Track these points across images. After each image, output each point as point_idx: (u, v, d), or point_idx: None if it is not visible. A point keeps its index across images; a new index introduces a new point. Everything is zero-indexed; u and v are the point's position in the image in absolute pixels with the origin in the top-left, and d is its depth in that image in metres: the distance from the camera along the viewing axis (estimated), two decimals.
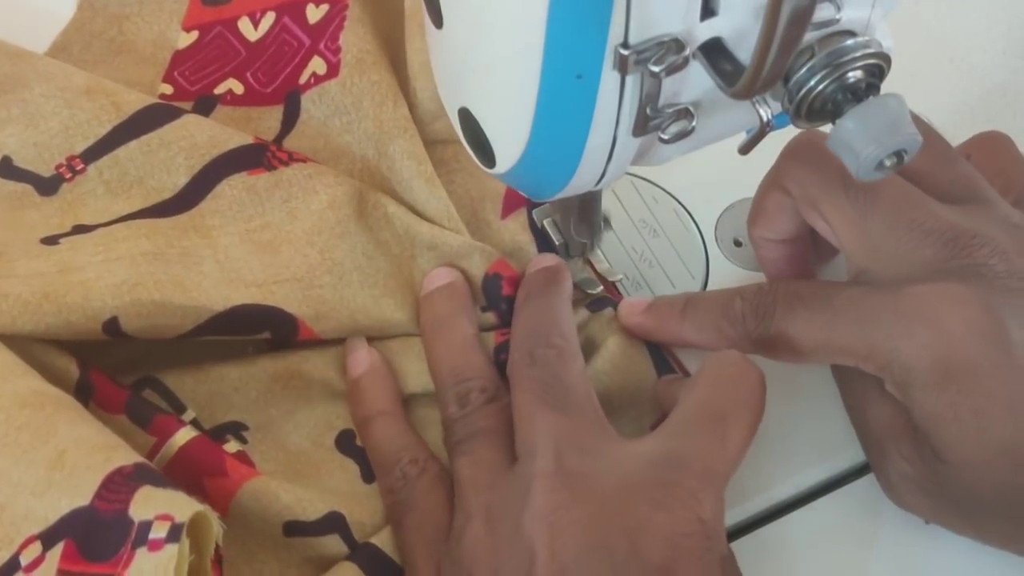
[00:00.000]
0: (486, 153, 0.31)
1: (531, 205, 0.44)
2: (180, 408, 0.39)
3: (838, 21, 0.27)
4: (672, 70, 0.26)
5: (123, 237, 0.38)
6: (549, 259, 0.41)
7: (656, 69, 0.25)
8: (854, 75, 0.27)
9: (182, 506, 0.30)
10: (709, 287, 0.43)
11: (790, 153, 0.37)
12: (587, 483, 0.31)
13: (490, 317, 0.41)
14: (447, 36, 0.30)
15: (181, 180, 0.41)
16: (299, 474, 0.38)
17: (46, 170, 0.41)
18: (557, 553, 0.30)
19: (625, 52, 0.25)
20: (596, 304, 0.41)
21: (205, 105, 0.44)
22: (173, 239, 0.39)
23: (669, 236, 0.45)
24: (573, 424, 0.34)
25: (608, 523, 0.30)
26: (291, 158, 0.41)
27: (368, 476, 0.39)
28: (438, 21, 0.30)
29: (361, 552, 0.36)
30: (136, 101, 0.41)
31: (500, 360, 0.39)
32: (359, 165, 0.43)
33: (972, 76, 0.49)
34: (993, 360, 0.32)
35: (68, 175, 0.41)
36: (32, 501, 0.32)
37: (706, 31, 0.26)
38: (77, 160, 0.41)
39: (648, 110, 0.28)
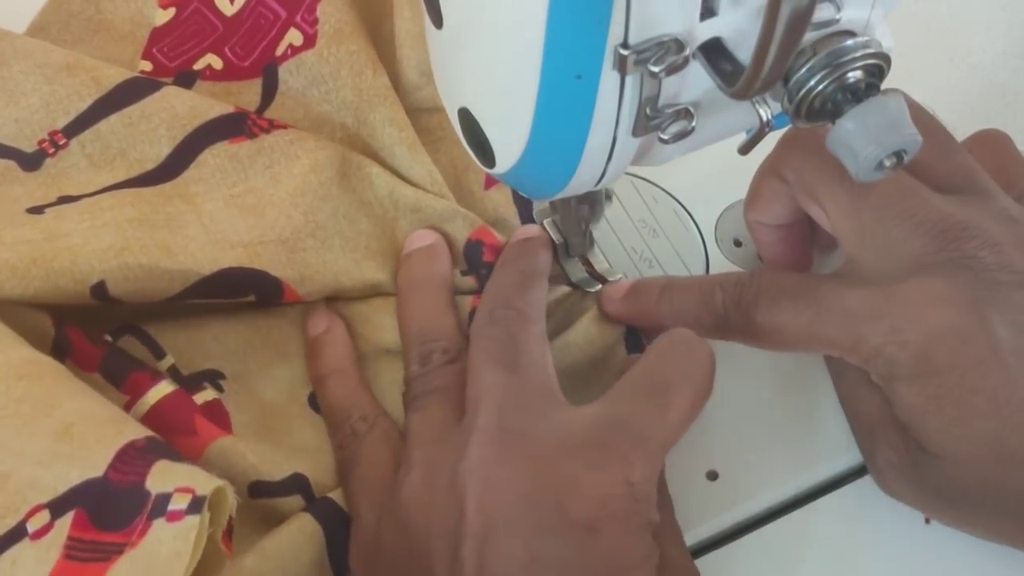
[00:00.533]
0: (486, 153, 0.31)
1: (531, 205, 0.44)
2: (160, 353, 0.39)
3: (838, 21, 0.27)
4: (672, 70, 0.25)
5: (108, 206, 0.39)
6: (531, 230, 0.41)
7: (656, 69, 0.25)
8: (854, 75, 0.26)
9: (202, 480, 0.31)
10: None
11: (788, 141, 0.37)
12: (523, 441, 0.32)
13: (469, 282, 0.41)
14: (447, 36, 0.30)
15: (164, 151, 0.41)
16: (270, 428, 0.39)
17: (28, 146, 0.41)
18: (485, 506, 0.31)
19: (625, 52, 0.25)
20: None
21: (185, 81, 0.45)
22: (158, 206, 0.39)
23: (669, 236, 0.45)
24: (520, 383, 0.34)
25: (539, 480, 0.31)
26: (272, 125, 0.42)
27: None
28: (438, 21, 0.30)
29: (317, 504, 0.36)
30: (116, 75, 0.42)
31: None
32: (339, 134, 0.44)
33: (972, 76, 0.49)
34: (976, 355, 0.32)
35: (51, 150, 0.41)
36: (38, 471, 0.32)
37: (706, 31, 0.26)
38: (59, 135, 0.41)
39: (648, 110, 0.28)
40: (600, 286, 0.42)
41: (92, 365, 0.37)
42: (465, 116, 0.31)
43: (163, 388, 0.37)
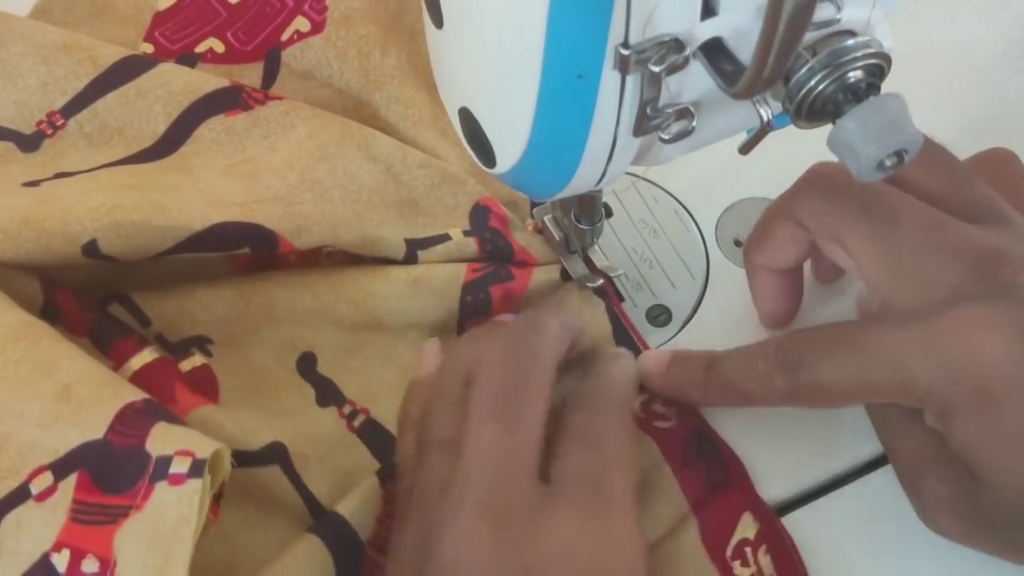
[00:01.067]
0: (486, 153, 0.31)
1: (531, 204, 0.44)
2: (145, 322, 0.39)
3: (838, 21, 0.27)
4: (672, 70, 0.26)
5: (104, 176, 0.39)
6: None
7: (656, 69, 0.25)
8: (854, 75, 0.26)
9: (201, 443, 0.31)
10: (709, 287, 0.43)
11: (805, 183, 0.37)
12: (503, 515, 0.32)
13: (471, 244, 0.41)
14: (447, 36, 0.30)
15: (160, 127, 0.41)
16: (259, 390, 0.39)
17: (27, 127, 0.42)
18: None
19: (625, 52, 0.25)
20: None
21: (186, 63, 0.45)
22: (154, 176, 0.40)
23: (669, 236, 0.45)
24: (510, 447, 0.33)
25: (521, 557, 0.31)
26: (267, 97, 0.42)
27: (323, 401, 0.39)
28: (438, 21, 0.30)
29: (325, 524, 0.35)
30: (112, 54, 0.42)
31: (466, 301, 0.40)
32: (340, 115, 0.44)
33: (972, 76, 0.49)
34: None
35: (49, 131, 0.42)
36: (39, 432, 0.32)
37: (706, 31, 0.26)
38: (57, 115, 0.42)
39: (648, 110, 0.28)
40: (600, 281, 0.42)
41: (81, 330, 0.37)
42: (465, 116, 0.31)
43: (146, 356, 0.37)
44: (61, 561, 0.31)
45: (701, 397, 0.39)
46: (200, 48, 0.45)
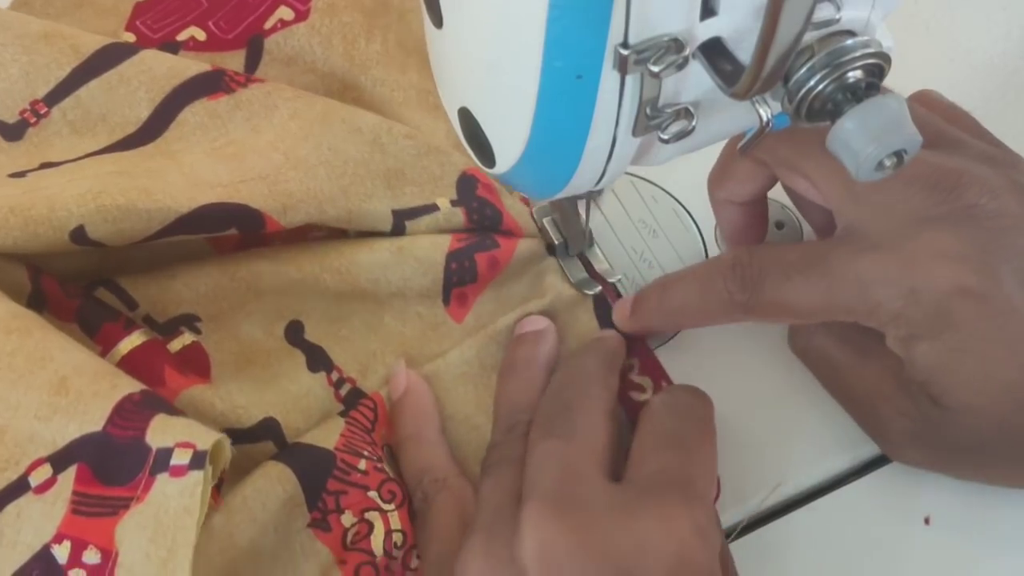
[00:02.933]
0: (486, 153, 0.31)
1: (531, 204, 0.44)
2: (132, 304, 0.39)
3: (838, 21, 0.27)
4: (672, 70, 0.25)
5: (89, 165, 0.39)
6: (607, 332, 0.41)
7: (656, 69, 0.25)
8: (854, 75, 0.26)
9: (201, 434, 0.31)
10: None
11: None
12: (577, 513, 0.31)
13: (459, 214, 0.42)
14: (447, 36, 0.30)
15: (143, 113, 0.42)
16: (250, 361, 0.39)
17: (10, 116, 0.42)
18: None
19: (625, 52, 0.25)
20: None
21: (168, 51, 0.45)
22: (138, 162, 0.40)
23: (669, 236, 0.45)
24: (571, 452, 0.34)
25: (599, 551, 0.31)
26: (248, 80, 0.42)
27: (314, 366, 0.40)
28: (438, 21, 0.30)
29: (284, 452, 0.36)
30: (93, 43, 0.42)
31: (450, 268, 0.40)
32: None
33: (972, 76, 0.49)
34: (993, 308, 0.33)
35: (33, 120, 0.42)
36: (37, 425, 0.32)
37: (706, 31, 0.26)
38: (40, 104, 0.42)
39: (648, 110, 0.28)
40: (599, 288, 0.42)
41: (68, 315, 0.37)
42: (465, 116, 0.31)
43: (134, 339, 0.37)
44: (62, 552, 0.31)
45: (662, 323, 0.39)
46: (182, 36, 0.45)
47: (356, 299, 0.41)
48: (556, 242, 0.42)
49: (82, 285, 0.39)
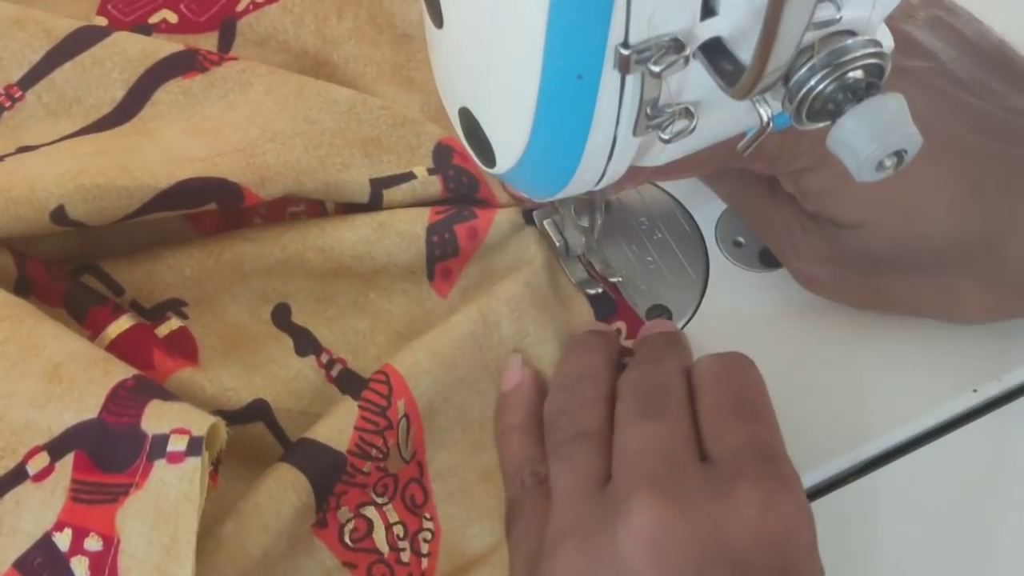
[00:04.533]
0: (486, 153, 0.31)
1: (531, 205, 0.44)
2: (118, 290, 0.40)
3: (838, 21, 0.27)
4: (672, 70, 0.25)
5: (66, 146, 0.40)
6: (666, 324, 0.41)
7: (656, 69, 0.25)
8: (854, 75, 0.26)
9: (195, 419, 0.31)
10: (709, 287, 0.43)
11: None
12: (684, 501, 0.31)
13: (435, 182, 0.42)
14: (447, 36, 0.30)
15: (118, 94, 0.42)
16: (237, 345, 0.40)
17: None
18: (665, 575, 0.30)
19: (625, 52, 0.25)
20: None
21: (140, 34, 0.45)
22: (116, 142, 0.40)
23: (669, 236, 0.45)
24: (666, 435, 0.33)
25: (713, 540, 0.30)
26: (222, 59, 0.43)
27: (302, 349, 0.40)
28: (438, 21, 0.30)
29: (295, 451, 0.36)
30: (66, 26, 0.42)
31: (431, 242, 0.41)
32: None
33: None
34: None
35: (8, 103, 0.42)
36: (32, 412, 0.32)
37: (706, 31, 0.26)
38: (15, 88, 0.42)
39: (648, 110, 0.28)
40: (600, 288, 0.42)
41: (56, 300, 0.38)
42: (465, 116, 0.31)
43: (122, 323, 0.37)
44: (63, 540, 0.31)
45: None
46: (153, 19, 0.46)
47: (341, 278, 0.41)
48: (556, 243, 0.42)
49: (68, 270, 0.39)
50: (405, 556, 0.36)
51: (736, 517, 0.31)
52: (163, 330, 0.39)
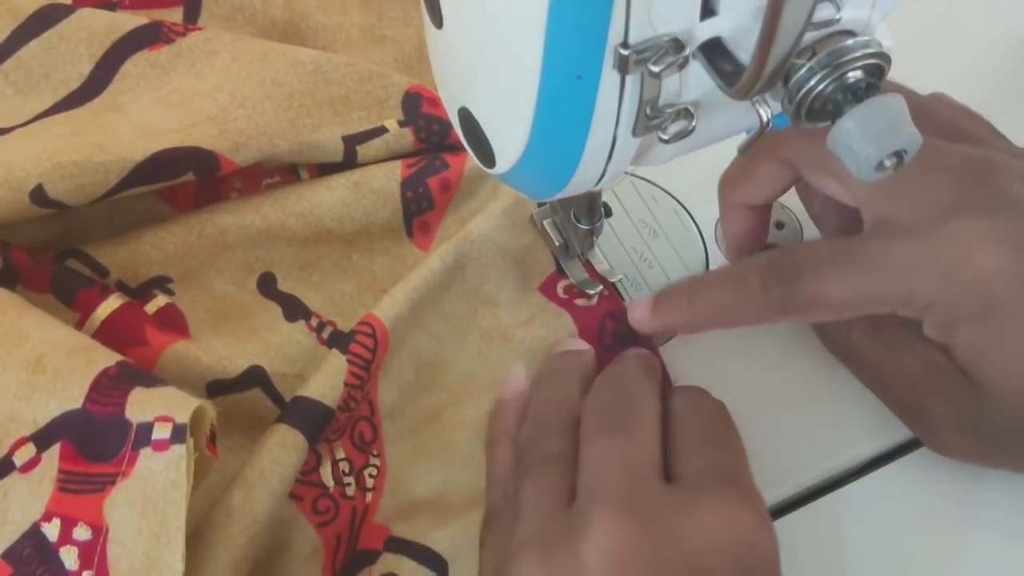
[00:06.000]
0: (486, 153, 0.31)
1: (532, 205, 0.44)
2: (103, 272, 0.40)
3: (838, 21, 0.27)
4: (672, 70, 0.25)
5: (41, 130, 0.40)
6: (639, 349, 0.41)
7: (656, 69, 0.25)
8: (854, 75, 0.26)
9: (178, 405, 0.31)
10: None
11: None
12: (644, 518, 0.31)
13: (407, 134, 0.42)
14: (447, 36, 0.30)
15: (85, 68, 0.42)
16: (226, 316, 0.40)
17: None
18: None
19: (625, 52, 0.25)
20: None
21: (105, 9, 0.45)
22: (89, 121, 0.40)
23: (669, 236, 0.45)
24: (629, 451, 0.33)
25: (673, 557, 0.30)
26: (187, 29, 0.43)
27: (291, 315, 0.41)
28: (438, 21, 0.30)
29: (291, 410, 0.36)
30: (31, 4, 0.43)
31: (406, 197, 0.41)
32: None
33: (972, 76, 0.49)
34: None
35: None
36: (16, 404, 0.33)
37: (706, 31, 0.26)
38: None
39: (648, 110, 0.28)
40: (600, 287, 0.42)
41: (43, 286, 0.38)
42: (465, 116, 0.31)
43: (112, 302, 0.38)
44: (52, 530, 0.31)
45: (690, 323, 0.39)
46: None
47: (323, 242, 0.42)
48: (556, 243, 0.42)
49: (52, 255, 0.39)
50: (350, 491, 0.37)
51: (698, 531, 0.31)
52: (151, 307, 0.39)
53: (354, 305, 0.41)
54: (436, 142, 0.43)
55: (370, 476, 0.38)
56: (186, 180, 0.39)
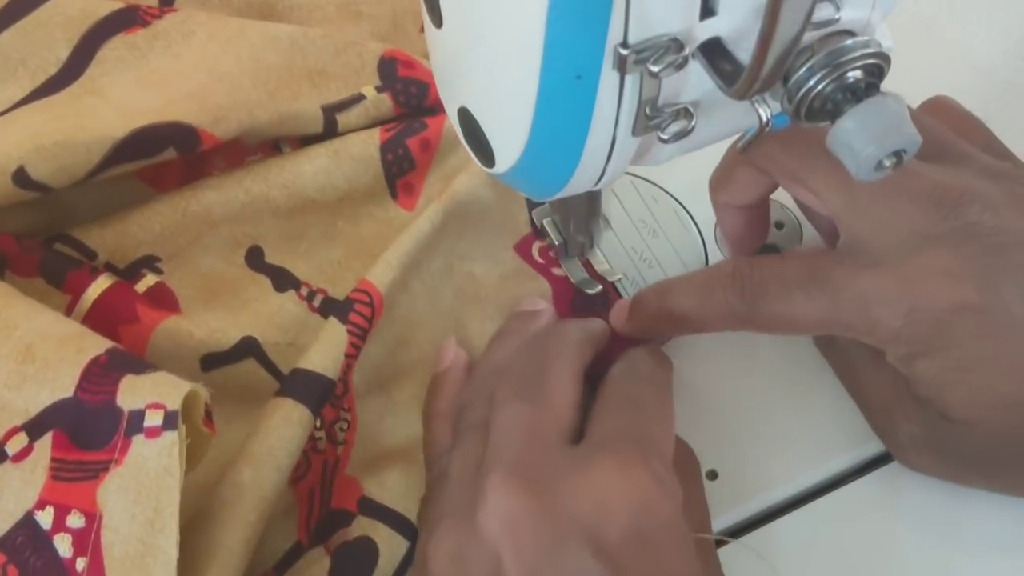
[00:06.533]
0: (486, 153, 0.31)
1: (531, 205, 0.44)
2: (91, 255, 0.40)
3: (838, 21, 0.27)
4: (671, 70, 0.25)
5: (20, 117, 0.40)
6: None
7: (655, 69, 0.25)
8: (854, 75, 0.26)
9: (169, 391, 0.31)
10: None
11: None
12: (538, 480, 0.31)
13: (386, 99, 0.43)
14: (447, 36, 0.30)
15: (63, 54, 0.43)
16: (216, 293, 0.40)
17: None
18: (522, 552, 0.30)
19: (624, 52, 0.25)
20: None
21: None
22: (69, 105, 0.41)
23: (669, 236, 0.45)
24: (535, 417, 0.33)
25: (566, 517, 0.30)
26: (162, 11, 0.43)
27: (281, 286, 0.41)
28: (438, 21, 0.30)
29: (291, 382, 0.37)
30: None
31: (387, 160, 0.42)
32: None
33: (972, 76, 0.49)
34: (991, 322, 0.33)
35: None
36: (7, 394, 0.33)
37: (705, 31, 0.26)
38: None
39: (648, 110, 0.28)
40: (600, 287, 0.42)
41: (31, 270, 0.38)
42: (465, 116, 0.31)
43: (102, 282, 0.38)
44: (45, 518, 0.32)
45: (658, 328, 0.39)
46: None
47: (308, 212, 0.42)
48: (556, 243, 0.42)
49: (39, 241, 0.40)
50: (321, 444, 0.37)
51: (588, 491, 0.31)
52: (141, 287, 0.39)
53: (343, 272, 0.42)
54: (415, 104, 0.43)
55: (340, 430, 0.38)
56: (169, 160, 0.40)
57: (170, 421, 0.31)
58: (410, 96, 0.43)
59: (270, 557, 0.36)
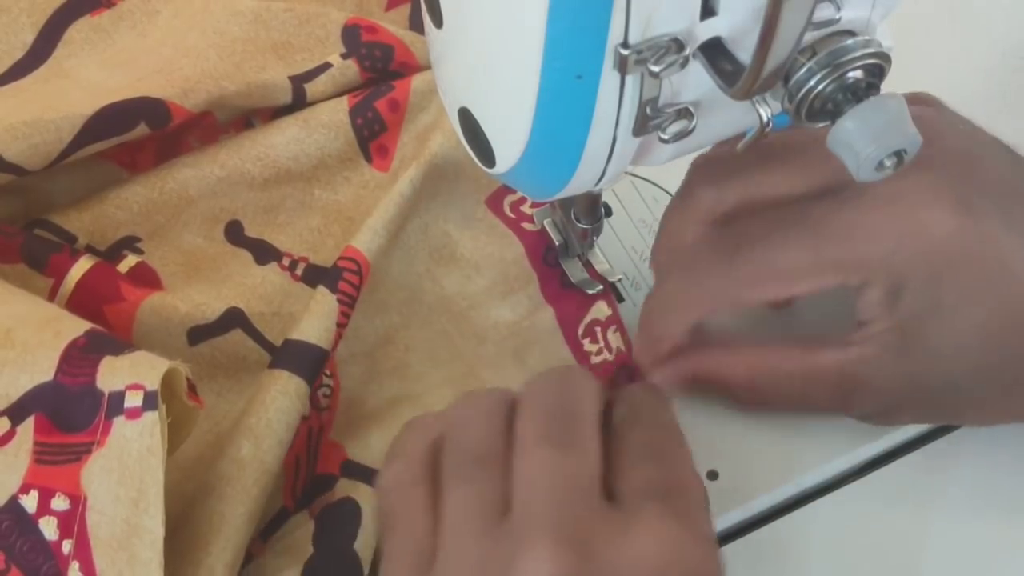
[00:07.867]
0: (486, 153, 0.31)
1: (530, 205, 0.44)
2: (71, 239, 0.40)
3: (838, 21, 0.27)
4: (672, 70, 0.25)
5: None
6: None
7: (656, 69, 0.25)
8: (854, 75, 0.26)
9: (147, 370, 0.31)
10: None
11: (695, 179, 0.37)
12: (584, 547, 0.29)
13: (352, 65, 0.43)
14: (447, 36, 0.30)
15: (29, 37, 0.43)
16: (198, 269, 0.41)
17: None
18: None
19: (625, 52, 0.25)
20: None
21: None
22: (37, 90, 0.41)
23: None
24: (572, 469, 0.30)
25: None
26: None
27: (262, 259, 0.41)
28: (438, 21, 0.30)
29: (285, 353, 0.37)
30: None
31: (356, 124, 0.42)
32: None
33: (972, 76, 0.49)
34: (973, 242, 0.33)
35: None
36: None
37: (706, 31, 0.26)
38: None
39: (648, 110, 0.28)
40: (600, 287, 0.42)
41: (13, 256, 0.38)
42: (465, 116, 0.31)
43: (84, 264, 0.38)
44: (30, 502, 0.32)
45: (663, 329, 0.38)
46: None
47: (284, 182, 0.43)
48: (556, 243, 0.42)
49: (19, 227, 0.40)
50: (305, 411, 0.37)
51: (636, 560, 0.29)
52: (123, 267, 0.40)
53: (323, 238, 0.42)
54: (381, 68, 0.44)
55: (324, 396, 0.38)
56: (143, 142, 0.40)
57: (150, 401, 0.31)
58: (375, 60, 0.44)
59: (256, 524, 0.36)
